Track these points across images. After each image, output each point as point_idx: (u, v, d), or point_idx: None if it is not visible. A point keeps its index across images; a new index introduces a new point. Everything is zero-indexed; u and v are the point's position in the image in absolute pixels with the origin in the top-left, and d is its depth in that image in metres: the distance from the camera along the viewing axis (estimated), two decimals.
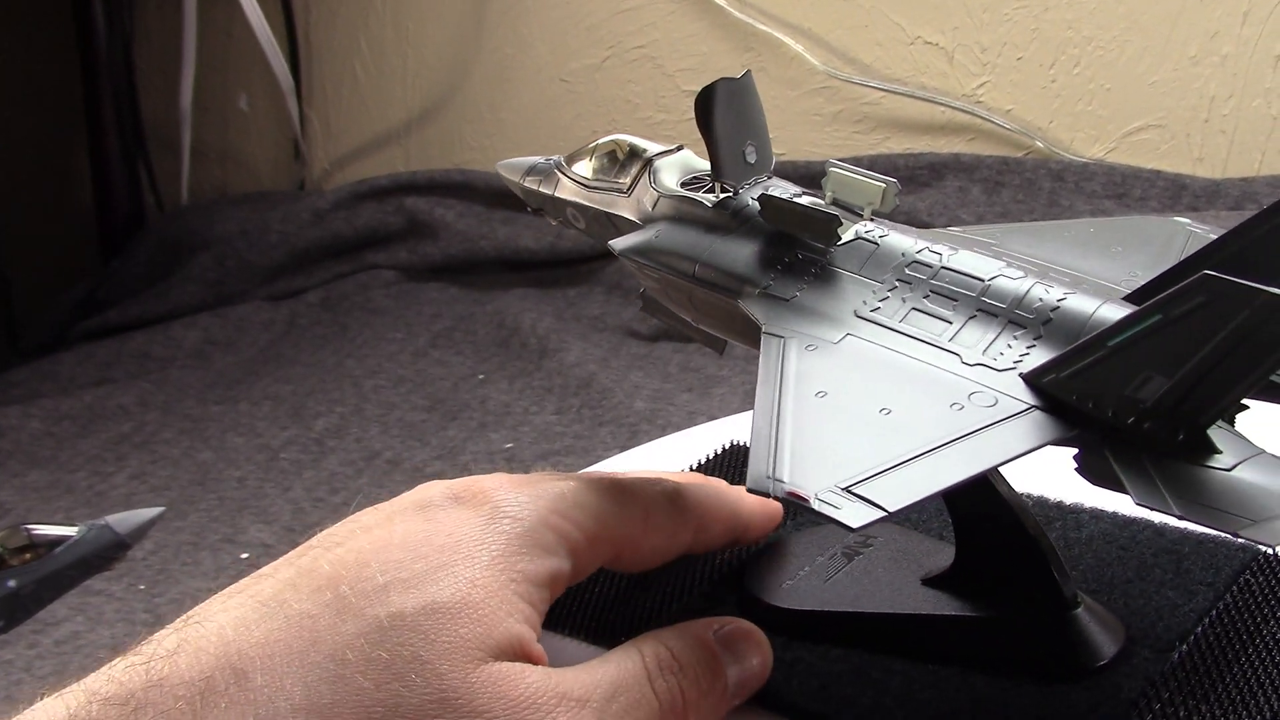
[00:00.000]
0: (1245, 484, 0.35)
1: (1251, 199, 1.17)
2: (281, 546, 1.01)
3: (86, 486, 1.19)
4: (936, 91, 1.37)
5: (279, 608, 0.39)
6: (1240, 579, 0.48)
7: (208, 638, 0.38)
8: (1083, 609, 0.44)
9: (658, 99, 1.55)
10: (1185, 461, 0.35)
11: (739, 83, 0.47)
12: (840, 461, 0.35)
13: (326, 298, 1.62)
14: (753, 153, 0.48)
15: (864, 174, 0.46)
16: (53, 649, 0.89)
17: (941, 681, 0.44)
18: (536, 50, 1.63)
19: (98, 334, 1.61)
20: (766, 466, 0.36)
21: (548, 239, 1.53)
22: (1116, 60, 1.27)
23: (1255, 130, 1.22)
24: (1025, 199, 1.28)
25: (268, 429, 1.27)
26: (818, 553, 0.51)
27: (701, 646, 0.42)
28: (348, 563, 0.40)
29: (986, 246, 0.46)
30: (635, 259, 0.49)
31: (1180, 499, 0.34)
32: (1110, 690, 0.43)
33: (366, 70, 1.79)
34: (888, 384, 0.40)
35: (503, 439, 1.17)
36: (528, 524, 0.42)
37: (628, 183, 0.51)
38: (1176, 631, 0.45)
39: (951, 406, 0.38)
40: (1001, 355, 0.40)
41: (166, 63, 1.87)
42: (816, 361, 0.41)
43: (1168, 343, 0.34)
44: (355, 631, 0.38)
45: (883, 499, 0.34)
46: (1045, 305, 0.40)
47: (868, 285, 0.44)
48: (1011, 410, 0.38)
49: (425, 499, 0.43)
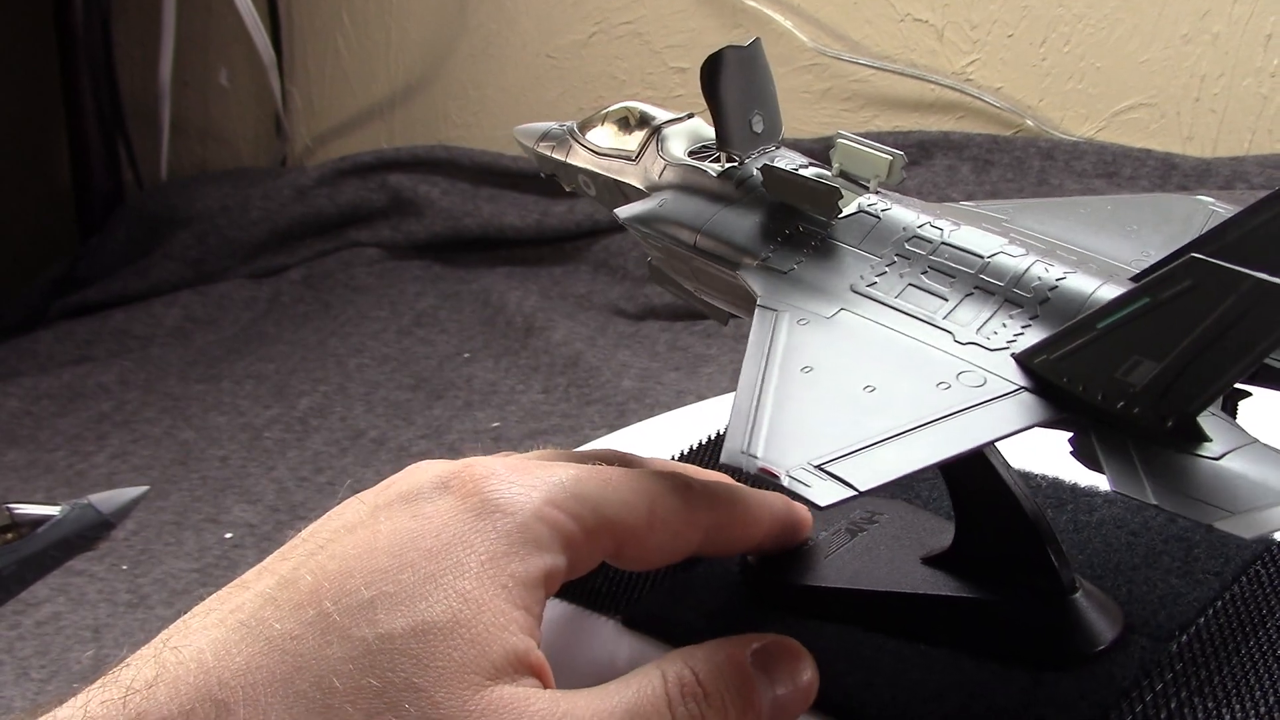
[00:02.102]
0: (1230, 474, 0.34)
1: (1242, 178, 1.16)
2: (265, 526, 1.00)
3: (66, 466, 1.18)
4: (926, 69, 1.36)
5: (259, 628, 0.37)
6: (1251, 569, 0.47)
7: (186, 665, 0.36)
8: (1081, 594, 0.44)
9: (645, 75, 1.53)
10: (1174, 449, 0.34)
11: (746, 51, 0.46)
12: (817, 438, 0.35)
13: (309, 275, 1.60)
14: (760, 122, 0.47)
15: (871, 146, 0.45)
16: (34, 630, 0.88)
17: (933, 663, 0.44)
18: (522, 26, 1.61)
19: (77, 312, 1.60)
20: (742, 441, 0.35)
21: (533, 216, 1.52)
22: (1107, 38, 1.27)
23: (1245, 109, 1.22)
24: (1015, 177, 1.28)
25: (251, 408, 1.25)
26: (822, 528, 0.50)
27: (733, 669, 0.39)
28: (330, 573, 0.38)
29: (996, 222, 0.45)
30: (638, 228, 0.49)
31: (1160, 487, 0.33)
32: (1103, 678, 0.42)
33: (349, 45, 1.77)
34: (875, 361, 0.39)
35: (489, 418, 1.16)
36: (520, 518, 0.39)
37: (636, 150, 0.51)
38: (1178, 621, 0.44)
39: (938, 385, 0.37)
40: (996, 334, 0.39)
41: (145, 37, 1.84)
42: (806, 336, 0.41)
43: (1155, 326, 0.33)
44: (342, 656, 0.36)
45: (854, 478, 0.33)
46: (1044, 284, 0.39)
47: (867, 259, 0.43)
48: (999, 391, 0.37)
49: (413, 488, 0.41)
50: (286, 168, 1.83)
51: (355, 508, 0.41)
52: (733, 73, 0.46)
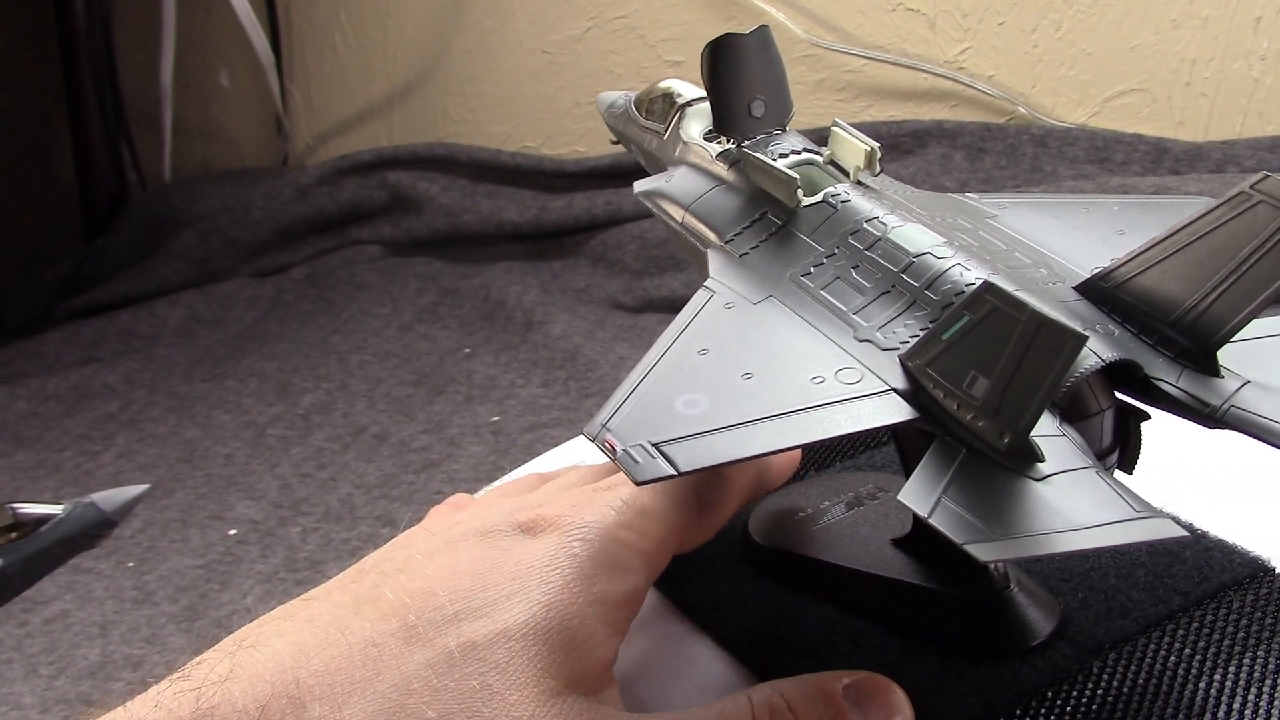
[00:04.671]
0: (1033, 498, 0.33)
1: (1233, 161, 1.17)
2: (268, 522, 1.01)
3: (74, 466, 1.19)
4: (919, 58, 1.37)
5: (340, 634, 0.37)
6: (1224, 595, 0.45)
7: (263, 663, 0.36)
8: (1016, 591, 0.44)
9: (640, 69, 1.54)
10: (1008, 466, 0.34)
11: (747, 38, 0.47)
12: (673, 420, 0.36)
13: (311, 273, 1.61)
14: (760, 107, 0.48)
15: (854, 135, 0.46)
16: (42, 627, 0.89)
17: (861, 646, 0.45)
18: (517, 22, 1.62)
19: (82, 313, 1.61)
20: (606, 414, 0.36)
21: (531, 211, 1.53)
22: (1098, 24, 1.27)
23: (1236, 93, 1.22)
24: (1008, 165, 1.28)
25: (254, 406, 1.27)
26: (825, 499, 0.51)
27: (826, 700, 0.39)
28: (413, 590, 0.38)
29: (979, 217, 0.46)
30: (645, 202, 0.51)
31: (941, 500, 0.33)
32: (1007, 679, 0.42)
33: (347, 44, 1.78)
34: (767, 350, 0.40)
35: (489, 412, 1.18)
36: (599, 544, 0.40)
37: (666, 127, 0.53)
38: (1115, 635, 0.44)
39: (812, 379, 0.38)
40: (894, 334, 0.39)
41: (146, 39, 1.85)
42: (723, 319, 0.42)
43: (978, 344, 0.34)
44: (423, 661, 0.36)
45: (682, 459, 0.34)
46: (953, 288, 0.39)
47: (813, 249, 0.44)
48: (869, 390, 0.37)
49: (488, 526, 0.42)
50: (288, 167, 1.85)
51: (426, 539, 0.42)
52: (730, 59, 0.47)
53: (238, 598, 0.90)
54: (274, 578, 0.92)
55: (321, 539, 0.97)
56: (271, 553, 0.96)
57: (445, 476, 1.04)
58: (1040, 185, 1.23)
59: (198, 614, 0.89)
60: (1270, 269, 0.36)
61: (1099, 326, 0.39)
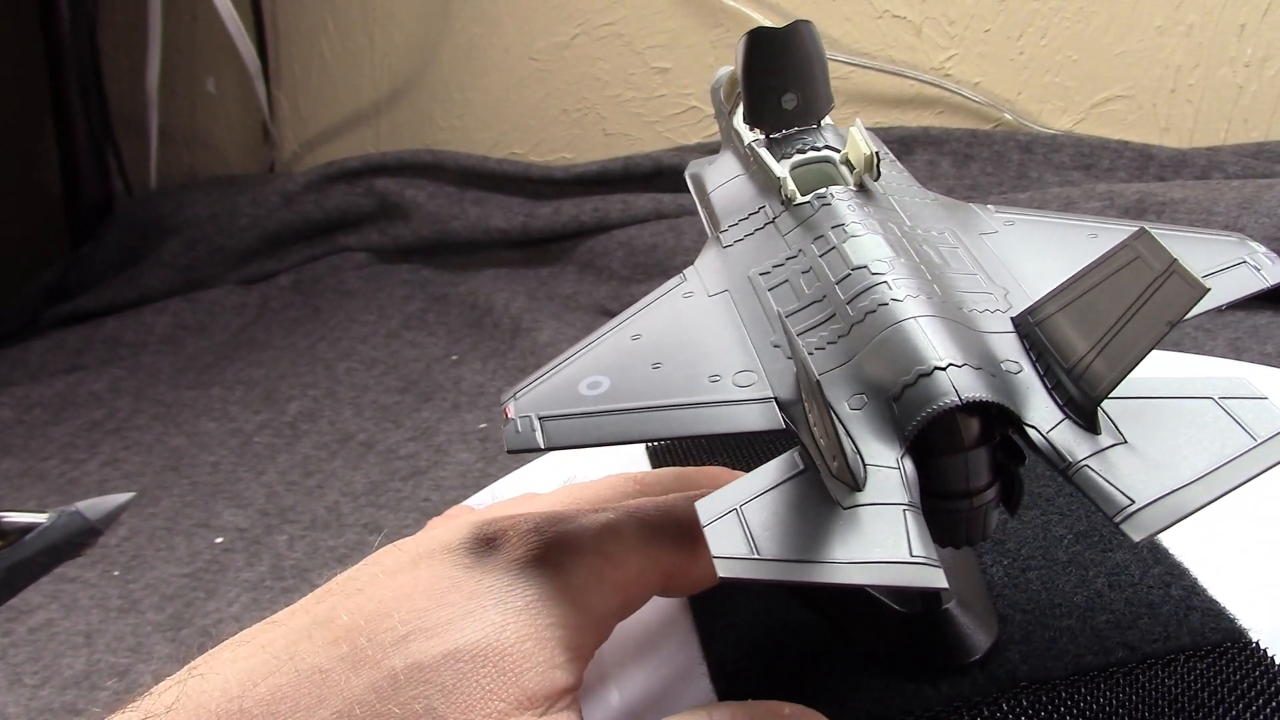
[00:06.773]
0: (827, 525, 0.33)
1: (1218, 168, 1.17)
2: (254, 530, 1.01)
3: (59, 474, 1.19)
4: (905, 65, 1.37)
5: (289, 660, 0.37)
6: (1176, 657, 0.43)
7: (209, 693, 0.36)
8: (953, 611, 0.43)
9: (627, 76, 1.54)
10: (828, 492, 0.34)
11: (781, 32, 0.47)
12: (568, 398, 0.37)
13: (298, 281, 1.61)
14: (791, 100, 0.48)
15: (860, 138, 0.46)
16: (27, 636, 0.89)
17: (807, 639, 0.45)
18: (504, 28, 1.62)
19: (68, 320, 1.61)
20: (522, 384, 0.38)
21: (519, 218, 1.52)
22: (1083, 31, 1.28)
23: (1221, 99, 1.23)
24: (994, 171, 1.29)
25: (240, 413, 1.26)
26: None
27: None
28: (368, 612, 0.38)
29: (974, 230, 0.45)
30: (688, 180, 0.52)
31: (737, 511, 0.33)
32: (906, 699, 0.41)
33: (334, 51, 1.78)
34: (688, 343, 0.40)
35: (476, 419, 1.17)
36: (567, 565, 0.39)
37: (729, 111, 0.54)
38: (1039, 674, 0.42)
39: (710, 378, 0.38)
40: (805, 343, 0.39)
41: (132, 46, 1.85)
42: (672, 307, 0.42)
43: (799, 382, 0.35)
44: (368, 685, 0.35)
45: (551, 436, 0.36)
46: (868, 306, 0.39)
47: (785, 249, 0.44)
48: (754, 396, 0.38)
49: (453, 540, 0.41)
50: (274, 174, 1.84)
51: (394, 555, 0.41)
52: (762, 53, 0.47)
53: (224, 606, 0.90)
54: (260, 586, 0.92)
55: (309, 547, 0.97)
56: (258, 560, 0.96)
57: (433, 484, 1.03)
58: (1026, 191, 1.23)
59: (184, 622, 0.88)
60: (1137, 333, 0.33)
61: (1004, 364, 0.37)
